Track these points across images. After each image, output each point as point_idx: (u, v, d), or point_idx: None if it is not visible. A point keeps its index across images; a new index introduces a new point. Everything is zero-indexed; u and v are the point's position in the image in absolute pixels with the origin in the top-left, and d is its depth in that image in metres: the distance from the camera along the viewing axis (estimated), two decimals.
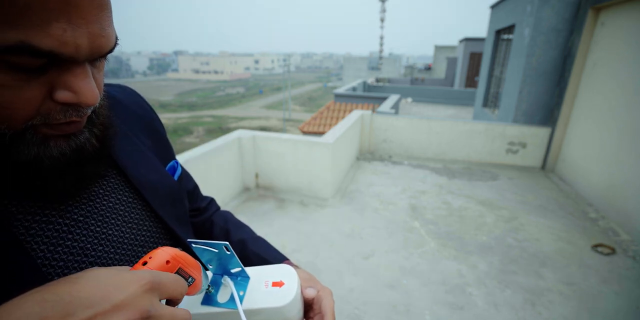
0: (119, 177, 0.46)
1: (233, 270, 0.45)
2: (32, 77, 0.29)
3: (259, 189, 3.86)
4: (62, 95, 0.31)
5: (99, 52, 0.32)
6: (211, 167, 3.15)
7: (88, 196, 0.41)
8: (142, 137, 0.53)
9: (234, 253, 0.41)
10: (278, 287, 0.44)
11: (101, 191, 0.43)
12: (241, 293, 0.43)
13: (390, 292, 2.32)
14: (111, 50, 0.34)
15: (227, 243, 0.40)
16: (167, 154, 0.59)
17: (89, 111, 0.35)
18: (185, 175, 0.68)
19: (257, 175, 3.82)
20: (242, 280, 0.45)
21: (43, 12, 0.27)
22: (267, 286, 0.44)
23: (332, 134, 3.78)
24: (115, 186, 0.45)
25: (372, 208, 3.55)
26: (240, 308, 0.41)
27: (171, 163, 0.58)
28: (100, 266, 0.37)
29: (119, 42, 0.35)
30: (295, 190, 3.75)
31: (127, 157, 0.47)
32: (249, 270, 0.47)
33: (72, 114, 0.33)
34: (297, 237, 2.97)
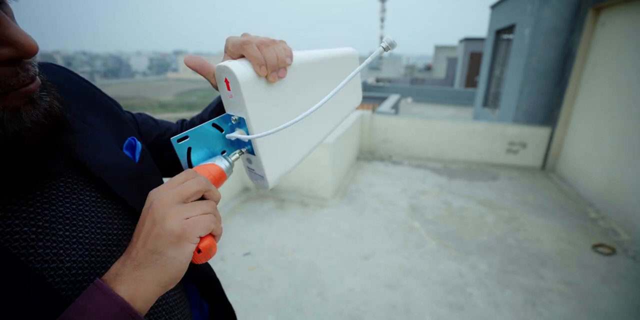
0: (76, 175, 0.42)
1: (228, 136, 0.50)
2: None
3: (259, 189, 3.86)
4: (1, 52, 0.29)
5: None
6: None
7: (49, 201, 0.37)
8: (89, 117, 0.48)
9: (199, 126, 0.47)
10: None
11: (61, 194, 0.39)
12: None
13: (390, 292, 2.32)
14: None
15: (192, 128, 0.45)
16: (123, 129, 0.53)
17: (36, 68, 0.33)
18: (152, 129, 0.64)
19: None
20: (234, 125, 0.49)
21: None
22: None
23: (332, 134, 3.78)
24: (75, 186, 0.41)
25: (372, 208, 3.55)
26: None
27: (127, 140, 0.51)
28: (77, 270, 0.37)
29: None
30: (295, 190, 3.75)
31: (82, 148, 0.42)
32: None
33: (22, 74, 0.31)
34: (297, 237, 2.97)
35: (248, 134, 0.47)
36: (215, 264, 2.57)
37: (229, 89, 0.44)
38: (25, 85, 0.32)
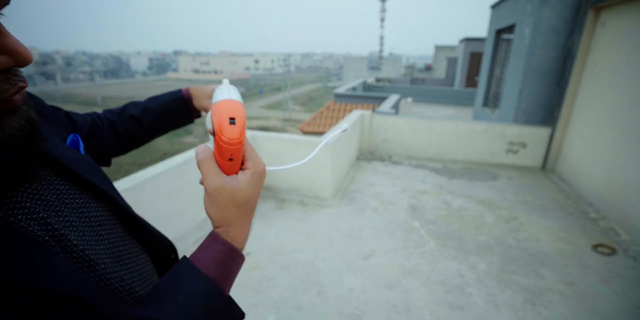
0: (49, 169, 0.44)
1: None
2: None
3: None
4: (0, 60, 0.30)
5: None
6: None
7: (37, 192, 0.40)
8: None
9: None
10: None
11: (45, 186, 0.41)
12: None
13: (390, 292, 2.32)
14: (6, 2, 0.32)
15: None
16: (63, 129, 0.58)
17: (23, 75, 0.34)
18: (83, 124, 0.70)
19: None
20: None
21: None
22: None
23: (332, 134, 3.78)
24: (49, 177, 0.43)
25: (372, 208, 3.55)
26: None
27: (70, 138, 0.56)
28: (75, 255, 0.40)
29: None
30: (295, 190, 3.75)
31: (53, 149, 0.46)
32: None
33: (16, 80, 0.32)
34: (297, 237, 2.97)
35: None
36: None
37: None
38: (14, 94, 0.33)
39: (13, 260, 0.30)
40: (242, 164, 0.46)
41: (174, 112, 0.80)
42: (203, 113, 0.81)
